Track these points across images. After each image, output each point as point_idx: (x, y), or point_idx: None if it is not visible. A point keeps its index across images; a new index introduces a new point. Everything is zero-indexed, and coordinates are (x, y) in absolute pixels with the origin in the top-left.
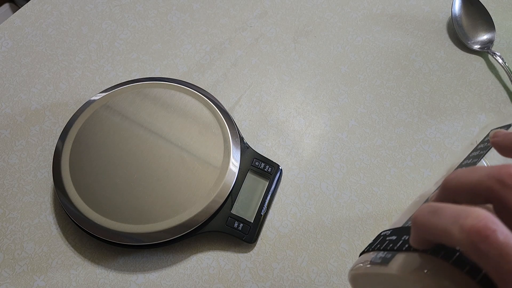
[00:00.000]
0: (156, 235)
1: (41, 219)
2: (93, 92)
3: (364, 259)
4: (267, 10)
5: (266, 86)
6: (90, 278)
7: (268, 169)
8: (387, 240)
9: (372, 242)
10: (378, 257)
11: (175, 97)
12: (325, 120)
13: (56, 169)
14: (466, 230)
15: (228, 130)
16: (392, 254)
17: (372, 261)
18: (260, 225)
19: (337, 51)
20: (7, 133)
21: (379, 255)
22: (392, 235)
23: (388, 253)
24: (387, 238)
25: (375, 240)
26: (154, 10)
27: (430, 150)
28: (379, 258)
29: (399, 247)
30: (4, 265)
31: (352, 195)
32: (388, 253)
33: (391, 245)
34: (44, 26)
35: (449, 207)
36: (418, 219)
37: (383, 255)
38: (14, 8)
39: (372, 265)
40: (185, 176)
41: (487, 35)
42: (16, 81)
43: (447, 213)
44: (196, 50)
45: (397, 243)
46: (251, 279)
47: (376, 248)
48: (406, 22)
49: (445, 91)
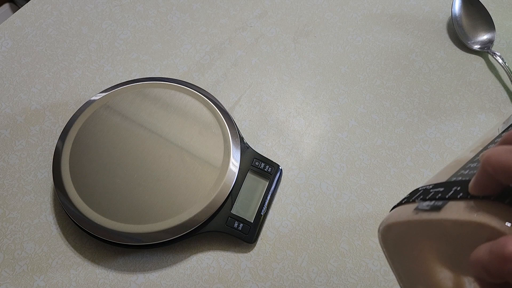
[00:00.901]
0: (156, 235)
1: (41, 219)
2: (93, 92)
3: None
4: (267, 10)
5: (266, 86)
6: (90, 278)
7: (268, 169)
8: (432, 192)
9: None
10: (426, 205)
11: (175, 97)
12: (325, 120)
13: (56, 169)
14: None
15: (228, 130)
16: (443, 202)
17: (418, 208)
18: (260, 225)
19: (337, 51)
20: (7, 133)
21: (425, 203)
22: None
23: (438, 202)
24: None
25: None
26: (154, 10)
27: (430, 150)
28: (427, 205)
29: (452, 196)
30: (4, 265)
31: (352, 195)
32: (437, 201)
33: (439, 195)
34: (44, 26)
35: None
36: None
37: (431, 203)
38: (14, 8)
39: (419, 212)
40: (185, 176)
41: (487, 35)
42: (16, 81)
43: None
44: (196, 50)
45: (447, 193)
46: (251, 279)
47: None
48: (406, 22)
49: (445, 91)
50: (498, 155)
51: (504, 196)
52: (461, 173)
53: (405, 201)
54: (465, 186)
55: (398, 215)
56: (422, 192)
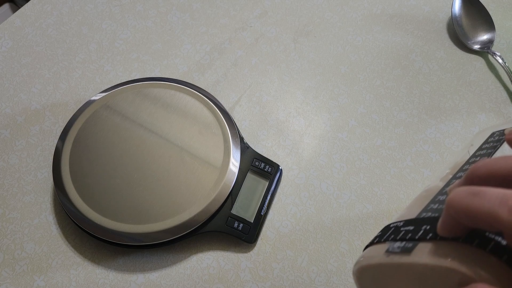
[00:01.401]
0: (156, 235)
1: (41, 219)
2: (93, 92)
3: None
4: (267, 10)
5: (266, 86)
6: (90, 278)
7: (268, 169)
8: (403, 231)
9: (380, 234)
10: (396, 247)
11: (175, 97)
12: (325, 120)
13: (56, 169)
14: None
15: (228, 130)
16: (413, 243)
17: (389, 251)
18: (260, 225)
19: (337, 51)
20: (7, 133)
21: (396, 245)
22: (408, 225)
23: (408, 243)
24: (401, 229)
25: (384, 232)
26: (154, 10)
27: (430, 150)
28: (397, 247)
29: (421, 237)
30: (4, 265)
31: (352, 195)
32: (407, 243)
33: (410, 235)
34: (44, 26)
35: (491, 190)
36: (455, 201)
37: (402, 245)
38: (14, 8)
39: (390, 255)
40: (185, 176)
41: (487, 35)
42: (16, 81)
43: (491, 194)
44: (196, 50)
45: (417, 233)
46: (251, 279)
47: (391, 239)
48: (406, 22)
49: (445, 91)
50: (460, 198)
51: (472, 238)
52: (430, 207)
53: (377, 241)
54: (434, 225)
55: (370, 257)
56: (393, 230)
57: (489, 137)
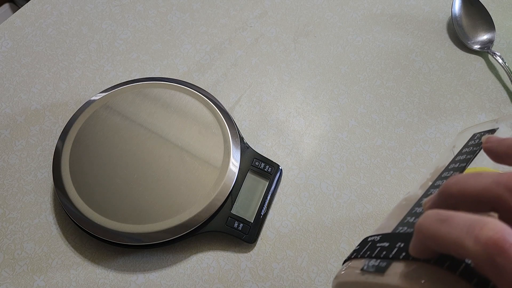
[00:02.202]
0: (156, 235)
1: (41, 219)
2: (93, 92)
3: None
4: (267, 10)
5: (266, 86)
6: (90, 278)
7: (268, 169)
8: (378, 247)
9: (358, 248)
10: (371, 265)
11: (175, 97)
12: (325, 120)
13: (56, 169)
14: (482, 242)
15: (228, 130)
16: (387, 262)
17: (364, 269)
18: (260, 225)
19: (337, 51)
20: (7, 133)
21: (371, 263)
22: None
23: (382, 261)
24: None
25: (362, 246)
26: (154, 10)
27: (430, 150)
28: (372, 266)
29: (395, 255)
30: (4, 265)
31: (352, 195)
32: (382, 261)
33: (384, 253)
34: (44, 26)
35: (460, 216)
36: (424, 227)
37: (376, 263)
38: (14, 8)
39: (365, 274)
40: (185, 176)
41: (487, 35)
42: (16, 81)
43: (458, 222)
44: (196, 50)
45: (391, 251)
46: (251, 279)
47: (367, 255)
48: (406, 22)
49: (445, 91)
50: (428, 224)
51: (443, 261)
52: (407, 220)
53: (354, 256)
54: (407, 243)
55: (347, 274)
56: (370, 245)
57: (470, 140)
